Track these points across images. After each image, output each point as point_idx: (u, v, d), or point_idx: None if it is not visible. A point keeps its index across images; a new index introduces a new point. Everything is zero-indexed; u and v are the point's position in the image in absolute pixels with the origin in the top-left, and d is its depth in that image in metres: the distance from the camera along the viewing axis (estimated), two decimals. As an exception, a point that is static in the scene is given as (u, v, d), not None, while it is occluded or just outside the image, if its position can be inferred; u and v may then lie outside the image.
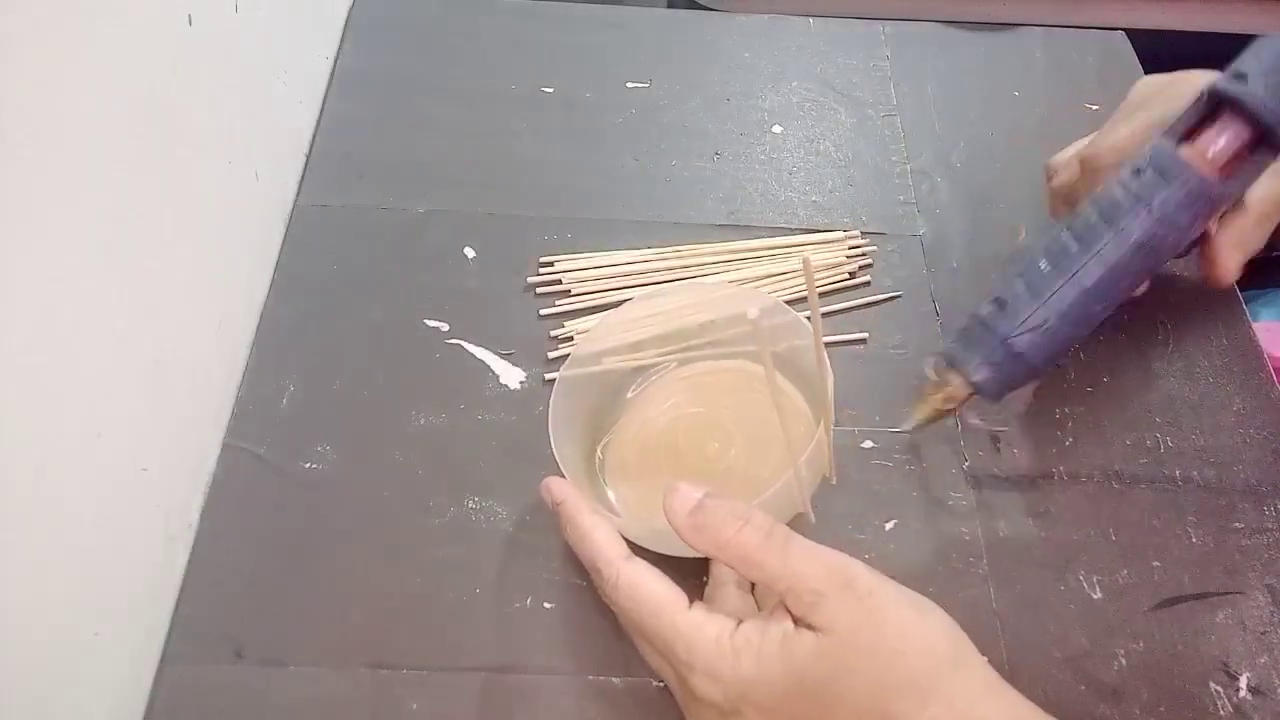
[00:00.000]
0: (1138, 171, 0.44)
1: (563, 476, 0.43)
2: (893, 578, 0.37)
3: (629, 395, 0.51)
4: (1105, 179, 0.45)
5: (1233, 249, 0.47)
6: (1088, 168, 0.50)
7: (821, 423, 0.42)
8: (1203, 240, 0.48)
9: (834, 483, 0.45)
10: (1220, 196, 0.43)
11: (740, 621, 0.37)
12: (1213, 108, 0.43)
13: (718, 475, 0.47)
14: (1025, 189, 0.54)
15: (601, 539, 0.40)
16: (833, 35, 0.72)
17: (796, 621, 0.35)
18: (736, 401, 0.49)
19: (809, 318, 0.39)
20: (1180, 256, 0.51)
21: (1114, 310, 0.45)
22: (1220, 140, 0.43)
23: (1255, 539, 0.48)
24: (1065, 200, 0.53)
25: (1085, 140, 0.53)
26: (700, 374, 0.51)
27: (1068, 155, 0.54)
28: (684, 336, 0.50)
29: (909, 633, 0.35)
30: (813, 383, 0.49)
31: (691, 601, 0.38)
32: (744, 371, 0.50)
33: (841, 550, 0.37)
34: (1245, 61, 0.43)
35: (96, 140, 0.38)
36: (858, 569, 0.36)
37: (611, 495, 0.47)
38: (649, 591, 0.37)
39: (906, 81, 0.69)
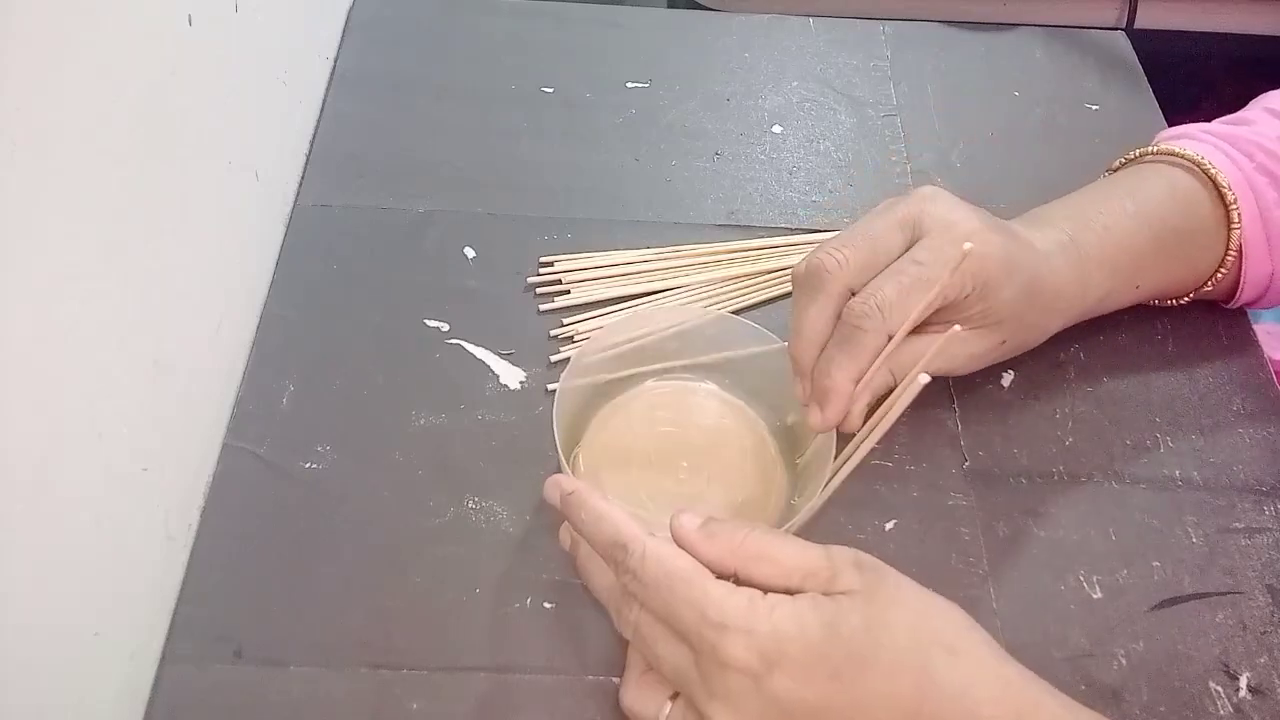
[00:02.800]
0: None
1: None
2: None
3: (604, 407, 0.50)
4: None
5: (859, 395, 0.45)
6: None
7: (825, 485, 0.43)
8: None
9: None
10: None
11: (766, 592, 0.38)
12: None
13: (686, 499, 0.46)
14: (1025, 189, 0.54)
15: (620, 518, 0.40)
16: (833, 35, 0.72)
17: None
18: (707, 426, 0.50)
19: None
20: None
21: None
22: None
23: (1255, 539, 0.48)
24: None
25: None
26: (672, 394, 0.51)
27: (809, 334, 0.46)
28: (664, 356, 0.50)
29: (924, 597, 0.37)
30: (764, 397, 0.50)
31: None
32: (717, 396, 0.51)
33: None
34: None
35: (97, 140, 0.38)
36: (861, 554, 0.38)
37: None
38: (677, 561, 0.38)
39: (906, 81, 0.69)
